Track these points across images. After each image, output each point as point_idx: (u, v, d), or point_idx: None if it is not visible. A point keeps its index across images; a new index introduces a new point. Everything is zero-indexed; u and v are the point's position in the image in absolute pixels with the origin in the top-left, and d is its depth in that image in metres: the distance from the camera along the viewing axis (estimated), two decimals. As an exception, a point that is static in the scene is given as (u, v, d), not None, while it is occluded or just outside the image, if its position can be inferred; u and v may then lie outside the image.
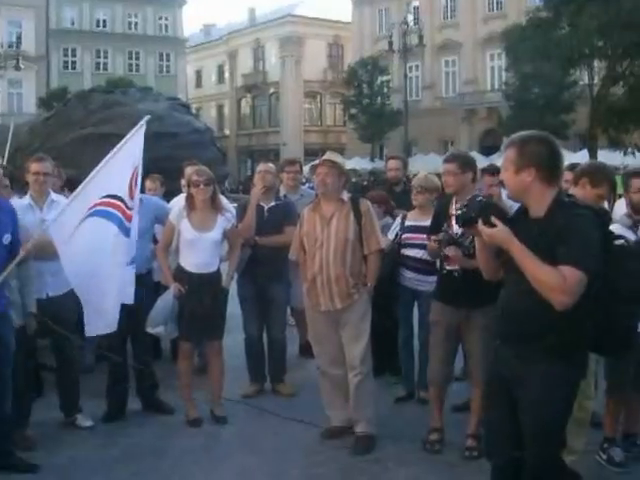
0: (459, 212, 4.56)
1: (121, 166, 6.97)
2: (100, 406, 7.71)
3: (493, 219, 4.33)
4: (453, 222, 6.50)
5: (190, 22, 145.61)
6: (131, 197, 6.94)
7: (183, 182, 8.67)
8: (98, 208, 6.83)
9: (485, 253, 4.67)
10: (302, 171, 10.33)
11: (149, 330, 7.44)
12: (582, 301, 4.18)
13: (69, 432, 7.34)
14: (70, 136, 11.47)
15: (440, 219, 6.82)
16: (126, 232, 6.92)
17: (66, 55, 66.85)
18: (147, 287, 7.76)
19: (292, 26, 71.17)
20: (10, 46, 49.75)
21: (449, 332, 6.72)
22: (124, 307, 7.07)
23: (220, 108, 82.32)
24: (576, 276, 4.09)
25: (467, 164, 6.73)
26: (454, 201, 6.69)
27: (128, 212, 6.94)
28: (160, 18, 72.37)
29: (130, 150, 7.04)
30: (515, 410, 4.47)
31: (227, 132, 78.87)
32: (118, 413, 7.75)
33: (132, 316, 7.32)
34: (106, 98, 12.58)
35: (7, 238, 6.24)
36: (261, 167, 8.64)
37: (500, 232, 4.32)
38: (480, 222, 4.35)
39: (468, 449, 6.64)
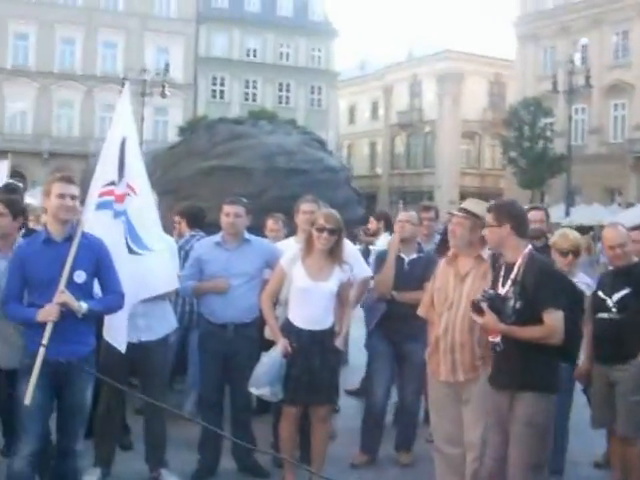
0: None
1: (110, 145, 6.66)
2: (190, 462, 7.39)
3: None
4: (500, 283, 5.89)
5: (344, 57, 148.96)
6: (120, 176, 6.55)
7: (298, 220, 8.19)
8: (99, 200, 6.50)
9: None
10: (439, 218, 9.83)
11: (253, 391, 6.96)
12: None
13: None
14: (193, 168, 11.40)
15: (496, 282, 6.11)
16: (117, 215, 6.49)
17: (214, 84, 67.98)
18: (250, 338, 7.39)
19: (450, 62, 70.30)
20: (158, 73, 50.45)
21: (501, 422, 5.87)
22: (220, 356, 7.01)
23: (373, 146, 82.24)
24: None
25: (504, 214, 5.93)
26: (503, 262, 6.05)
27: (118, 192, 6.51)
28: (313, 49, 72.62)
29: (118, 124, 6.77)
30: None
31: (379, 171, 78.83)
32: (209, 472, 7.39)
33: (229, 366, 7.20)
34: (232, 129, 12.43)
35: (80, 275, 5.77)
36: (401, 216, 8.20)
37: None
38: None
39: None
